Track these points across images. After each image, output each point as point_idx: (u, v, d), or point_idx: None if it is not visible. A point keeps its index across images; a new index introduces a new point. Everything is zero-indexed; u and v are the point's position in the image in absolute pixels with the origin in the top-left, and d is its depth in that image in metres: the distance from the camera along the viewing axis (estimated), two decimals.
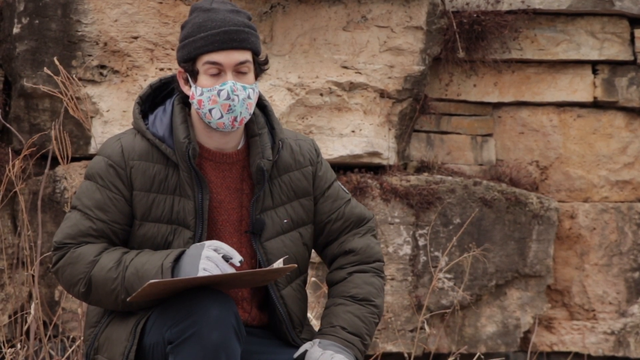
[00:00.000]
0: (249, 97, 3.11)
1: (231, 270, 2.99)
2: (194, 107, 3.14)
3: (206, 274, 2.96)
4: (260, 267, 3.17)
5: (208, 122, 3.12)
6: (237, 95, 3.09)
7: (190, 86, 3.15)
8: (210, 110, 3.10)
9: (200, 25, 3.10)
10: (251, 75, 3.13)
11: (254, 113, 3.21)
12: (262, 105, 3.26)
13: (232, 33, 3.09)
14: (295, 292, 3.24)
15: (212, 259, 2.98)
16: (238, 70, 3.10)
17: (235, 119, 3.11)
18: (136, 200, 3.13)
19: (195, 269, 2.98)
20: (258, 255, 3.17)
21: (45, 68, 4.65)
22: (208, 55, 3.09)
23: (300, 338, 3.24)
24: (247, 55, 3.11)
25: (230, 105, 3.09)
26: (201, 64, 3.10)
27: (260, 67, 3.17)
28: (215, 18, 3.10)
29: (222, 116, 3.10)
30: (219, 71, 3.09)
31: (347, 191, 3.35)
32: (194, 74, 3.12)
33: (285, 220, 3.21)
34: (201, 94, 3.10)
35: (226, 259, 3.00)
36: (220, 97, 3.08)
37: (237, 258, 3.00)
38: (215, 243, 3.01)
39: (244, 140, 3.22)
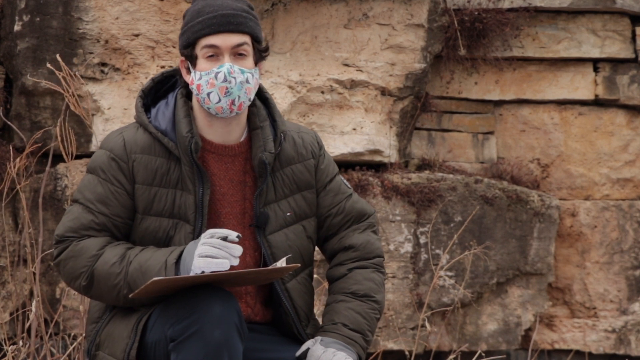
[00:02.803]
0: (247, 80, 3.11)
1: (230, 248, 2.98)
2: (194, 93, 3.14)
3: (205, 259, 2.96)
4: (264, 261, 3.18)
5: (207, 108, 3.12)
6: (234, 78, 3.09)
7: (191, 74, 3.15)
8: (208, 94, 3.10)
9: (199, 11, 3.12)
10: (250, 60, 3.13)
11: (255, 105, 3.21)
12: (263, 98, 3.26)
13: (228, 16, 3.10)
14: (301, 286, 3.24)
15: (207, 243, 2.98)
16: (236, 53, 3.11)
17: (233, 103, 3.10)
18: (138, 194, 3.13)
19: (191, 256, 2.98)
20: (262, 249, 3.18)
21: (47, 64, 4.66)
22: (205, 39, 3.10)
23: (305, 332, 3.24)
24: (244, 38, 3.12)
25: (227, 88, 3.09)
26: (199, 48, 3.11)
27: (260, 53, 3.17)
28: (214, 4, 3.12)
29: (220, 100, 3.10)
30: (216, 54, 3.10)
31: (349, 186, 3.35)
32: (194, 60, 3.13)
33: (288, 213, 3.21)
34: (200, 78, 3.11)
35: (225, 239, 2.99)
36: (218, 80, 3.09)
37: (233, 234, 3.00)
38: (209, 231, 3.01)
39: (246, 133, 3.22)
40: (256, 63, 3.16)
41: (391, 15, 5.75)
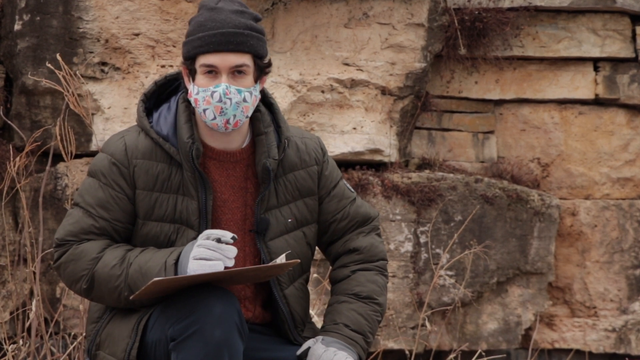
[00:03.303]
0: (244, 100, 3.09)
1: (224, 249, 2.98)
2: (193, 105, 3.13)
3: (199, 261, 2.96)
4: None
5: (204, 122, 3.12)
6: (230, 99, 3.08)
7: (190, 85, 3.15)
8: (204, 111, 3.10)
9: (201, 25, 3.09)
10: (249, 78, 3.11)
11: (259, 111, 3.20)
12: (268, 103, 3.25)
13: (229, 35, 3.07)
14: (298, 291, 3.24)
15: (202, 245, 2.99)
16: (234, 72, 3.09)
17: (227, 122, 3.09)
18: (139, 199, 3.13)
19: (187, 259, 2.98)
20: (262, 255, 3.17)
21: (47, 63, 4.66)
22: (204, 57, 3.08)
23: (302, 336, 3.24)
24: (244, 59, 3.09)
25: (222, 108, 3.08)
26: (198, 64, 3.10)
27: (261, 70, 3.15)
28: (217, 18, 3.09)
29: (215, 117, 3.09)
30: (215, 72, 3.09)
31: (352, 190, 3.35)
32: (193, 73, 3.12)
33: (289, 220, 3.21)
34: (197, 93, 3.10)
35: (219, 240, 2.99)
36: (213, 99, 3.08)
37: (228, 235, 3.00)
38: (205, 232, 3.02)
39: (249, 139, 3.21)
40: (257, 79, 3.14)
41: (391, 15, 5.74)
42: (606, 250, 6.07)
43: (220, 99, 3.07)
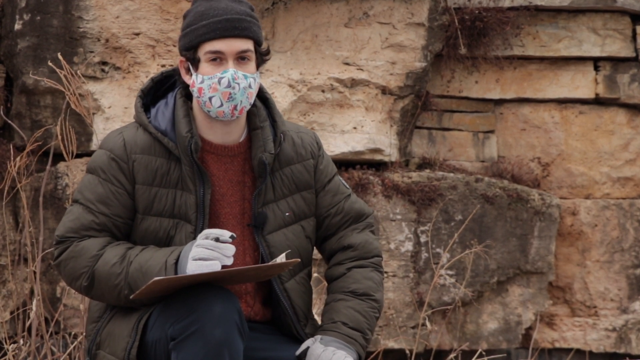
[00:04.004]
0: (249, 86, 3.12)
1: (222, 248, 2.98)
2: (195, 95, 3.14)
3: (197, 262, 2.96)
4: (262, 260, 3.18)
5: (208, 111, 3.13)
6: (238, 84, 3.09)
7: (191, 75, 3.15)
8: (210, 99, 3.10)
9: (203, 14, 3.11)
10: (252, 65, 3.14)
11: (255, 106, 3.22)
12: (263, 98, 3.27)
13: (234, 21, 3.10)
14: (299, 285, 3.25)
15: (201, 245, 2.99)
16: (239, 58, 3.11)
17: (235, 108, 3.11)
18: (138, 194, 3.13)
19: (186, 259, 2.99)
20: (260, 248, 3.18)
21: (49, 62, 4.66)
22: (210, 43, 3.10)
23: (304, 332, 3.24)
24: (248, 44, 3.12)
25: (230, 94, 3.09)
26: (203, 52, 3.11)
27: (261, 57, 3.18)
28: (218, 7, 3.11)
29: (222, 104, 3.10)
30: (220, 59, 3.10)
31: (347, 186, 3.36)
32: (196, 62, 3.13)
33: (287, 213, 3.22)
34: (202, 82, 3.11)
35: (217, 239, 3.00)
36: (221, 85, 3.09)
37: (226, 234, 3.00)
38: (204, 232, 3.02)
39: (245, 133, 3.22)
40: (258, 67, 3.17)
41: (392, 14, 5.74)
42: (606, 249, 6.07)
43: (229, 84, 3.08)
